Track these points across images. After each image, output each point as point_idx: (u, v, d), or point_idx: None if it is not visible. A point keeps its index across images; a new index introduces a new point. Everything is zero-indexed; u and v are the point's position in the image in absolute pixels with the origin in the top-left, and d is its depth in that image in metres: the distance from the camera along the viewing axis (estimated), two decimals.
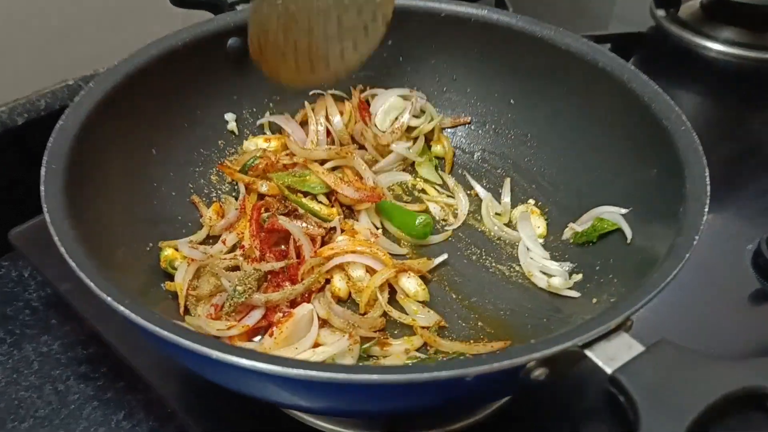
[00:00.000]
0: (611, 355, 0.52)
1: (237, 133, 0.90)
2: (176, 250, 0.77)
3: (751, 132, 1.11)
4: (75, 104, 0.73)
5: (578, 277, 0.78)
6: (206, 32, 0.84)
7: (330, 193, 0.85)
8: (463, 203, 0.89)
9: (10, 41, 0.99)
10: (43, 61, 1.02)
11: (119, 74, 0.77)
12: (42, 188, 0.63)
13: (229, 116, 0.89)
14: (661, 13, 1.31)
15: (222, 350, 0.50)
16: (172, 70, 0.81)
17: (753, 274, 0.85)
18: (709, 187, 0.66)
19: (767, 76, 1.20)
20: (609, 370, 0.52)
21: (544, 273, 0.80)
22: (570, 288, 0.78)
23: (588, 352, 0.53)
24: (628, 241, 0.75)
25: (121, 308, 0.54)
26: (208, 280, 0.75)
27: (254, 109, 0.91)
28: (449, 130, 0.95)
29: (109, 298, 0.54)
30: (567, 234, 0.83)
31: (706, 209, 0.64)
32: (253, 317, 0.72)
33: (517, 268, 0.82)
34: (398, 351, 0.72)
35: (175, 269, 0.75)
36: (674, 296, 0.62)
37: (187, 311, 0.73)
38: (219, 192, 0.87)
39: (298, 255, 0.79)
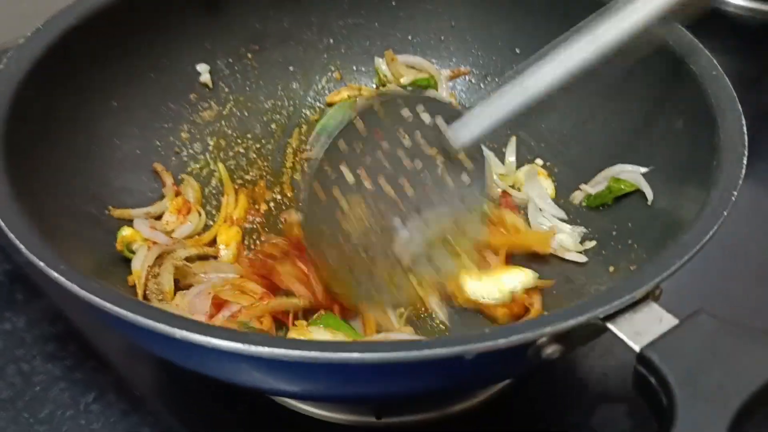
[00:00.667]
0: (639, 329, 0.44)
1: (211, 86, 0.81)
2: (134, 228, 0.69)
3: None
4: (20, 46, 0.65)
5: (592, 243, 0.71)
6: None
7: None
8: None
9: None
10: (6, 11, 0.95)
11: (75, 14, 0.69)
12: None
13: (202, 67, 0.81)
14: None
15: (171, 323, 0.42)
16: (135, 11, 0.73)
17: None
18: (746, 137, 0.58)
19: None
20: (637, 347, 0.44)
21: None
22: (580, 252, 0.71)
23: (611, 326, 0.45)
24: (649, 202, 0.68)
25: (56, 275, 0.46)
26: (169, 269, 0.66)
27: (230, 60, 0.82)
28: (448, 83, 0.86)
29: (41, 264, 0.46)
30: (578, 197, 0.75)
31: (745, 160, 0.56)
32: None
33: None
34: None
35: (134, 253, 0.67)
36: (698, 263, 0.54)
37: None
38: (190, 152, 0.79)
39: None
